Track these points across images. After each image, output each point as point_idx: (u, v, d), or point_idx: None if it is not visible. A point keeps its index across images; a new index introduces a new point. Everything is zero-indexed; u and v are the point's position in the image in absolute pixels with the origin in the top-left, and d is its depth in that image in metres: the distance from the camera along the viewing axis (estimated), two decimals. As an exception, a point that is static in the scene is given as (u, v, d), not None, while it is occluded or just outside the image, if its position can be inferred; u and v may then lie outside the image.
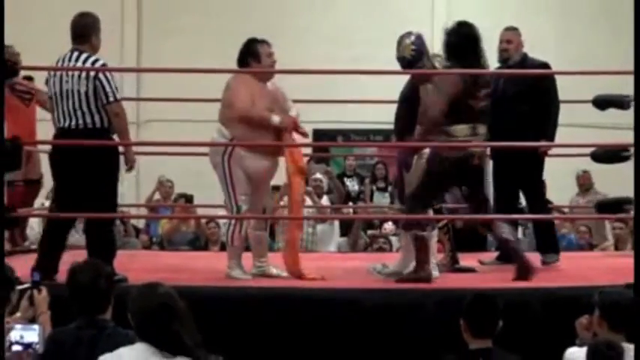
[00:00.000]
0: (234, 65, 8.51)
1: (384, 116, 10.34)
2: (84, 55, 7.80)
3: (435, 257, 8.46)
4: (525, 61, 9.25)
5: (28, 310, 4.21)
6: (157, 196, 14.84)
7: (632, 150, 10.18)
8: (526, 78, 9.05)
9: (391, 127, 8.94)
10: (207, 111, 9.95)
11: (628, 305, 6.05)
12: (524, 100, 8.94)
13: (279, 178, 9.07)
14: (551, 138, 8.97)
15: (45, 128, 9.68)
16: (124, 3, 18.71)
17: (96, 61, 7.82)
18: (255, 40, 8.47)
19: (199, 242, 13.03)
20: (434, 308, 7.20)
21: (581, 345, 5.82)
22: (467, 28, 8.35)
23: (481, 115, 8.27)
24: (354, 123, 9.65)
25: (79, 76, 7.70)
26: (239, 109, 8.13)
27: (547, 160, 9.23)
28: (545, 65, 9.31)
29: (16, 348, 4.05)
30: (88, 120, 7.71)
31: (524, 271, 8.10)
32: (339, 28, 18.02)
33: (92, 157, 7.63)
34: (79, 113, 7.70)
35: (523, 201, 9.51)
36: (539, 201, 9.43)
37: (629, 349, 5.71)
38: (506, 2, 17.84)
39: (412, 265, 8.22)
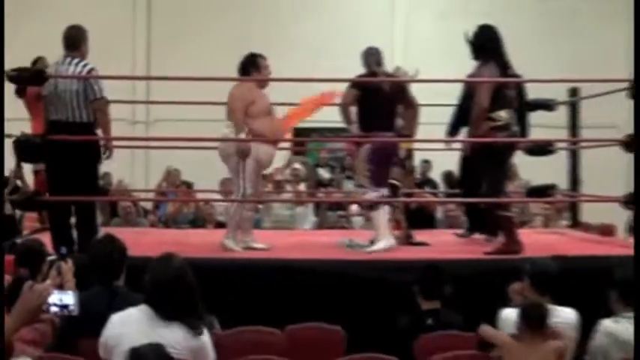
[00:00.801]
0: (231, 69, 8.61)
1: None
2: (75, 60, 7.81)
3: (391, 231, 8.45)
4: None
5: (56, 278, 4.19)
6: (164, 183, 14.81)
7: (556, 145, 10.24)
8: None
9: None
10: (207, 111, 9.96)
11: (553, 273, 6.08)
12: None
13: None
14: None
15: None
16: (135, 14, 18.62)
17: (86, 65, 7.81)
18: (256, 55, 8.61)
19: (198, 221, 13.01)
20: (392, 276, 7.19)
21: (513, 307, 5.84)
22: (489, 29, 8.27)
23: (512, 102, 8.23)
24: (327, 122, 9.66)
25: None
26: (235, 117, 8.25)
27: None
28: None
29: (53, 309, 4.03)
30: (77, 115, 7.72)
31: (516, 245, 8.02)
32: (322, 41, 18.02)
33: (80, 148, 7.66)
34: (69, 108, 7.71)
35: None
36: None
37: (554, 309, 5.74)
38: (453, 14, 17.74)
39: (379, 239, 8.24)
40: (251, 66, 8.53)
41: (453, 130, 9.28)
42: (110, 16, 17.54)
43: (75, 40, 7.94)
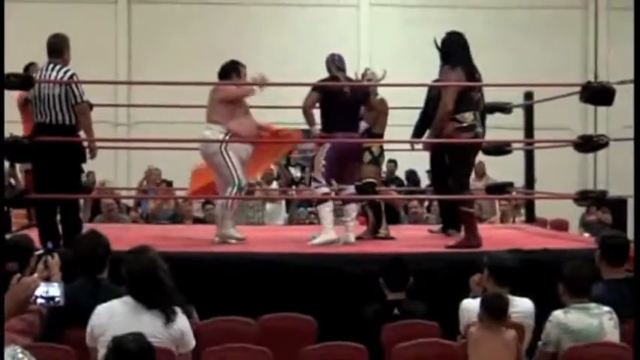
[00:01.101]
0: (207, 74, 8.65)
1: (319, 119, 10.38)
2: (58, 67, 7.78)
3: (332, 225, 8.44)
4: None
5: (44, 272, 4.19)
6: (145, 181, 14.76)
7: (512, 145, 10.30)
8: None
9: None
10: (185, 114, 9.97)
11: (510, 265, 6.10)
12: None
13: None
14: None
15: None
16: (117, 22, 18.60)
17: (67, 71, 7.79)
18: (237, 62, 8.69)
19: (177, 218, 12.97)
20: (360, 269, 7.19)
21: (473, 297, 5.87)
22: (456, 35, 8.27)
23: (478, 104, 8.25)
24: (296, 124, 9.68)
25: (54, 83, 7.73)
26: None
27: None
28: None
29: (40, 301, 4.02)
30: (60, 118, 7.70)
31: (476, 240, 8.03)
32: (289, 48, 18.06)
33: (64, 148, 7.66)
34: (52, 112, 7.69)
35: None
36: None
37: (512, 299, 5.77)
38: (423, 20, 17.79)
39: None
40: (233, 71, 8.59)
41: (418, 132, 9.30)
42: (94, 24, 17.53)
43: (57, 48, 7.92)
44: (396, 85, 9.02)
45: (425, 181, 15.18)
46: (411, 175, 16.06)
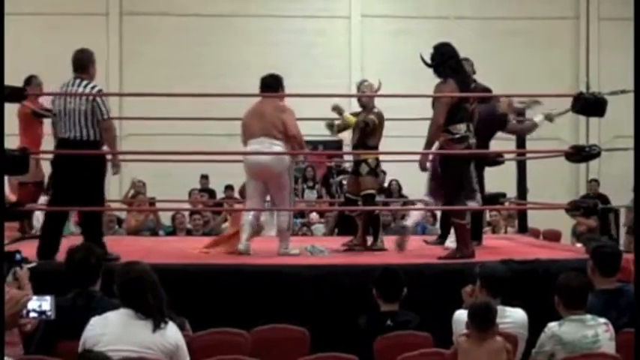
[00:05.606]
0: (198, 86, 8.63)
1: (313, 130, 10.40)
2: (85, 82, 7.80)
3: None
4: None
5: (13, 283, 4.18)
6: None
7: (503, 157, 10.33)
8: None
9: (316, 139, 8.95)
10: (175, 126, 9.98)
11: (502, 276, 6.12)
12: None
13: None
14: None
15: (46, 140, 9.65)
16: (109, 37, 18.63)
17: (94, 87, 7.82)
18: (281, 77, 8.67)
19: (155, 231, 13.11)
20: (353, 280, 7.20)
21: (466, 308, 5.86)
22: (445, 46, 8.23)
23: (472, 115, 8.25)
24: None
25: (81, 98, 7.69)
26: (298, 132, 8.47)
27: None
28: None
29: (32, 315, 4.02)
30: (84, 133, 7.69)
31: (469, 250, 8.04)
32: (282, 61, 18.09)
33: (86, 163, 7.63)
34: (77, 127, 7.68)
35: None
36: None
37: (503, 310, 5.78)
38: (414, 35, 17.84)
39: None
40: (279, 85, 8.64)
41: None
42: (85, 36, 17.39)
43: (83, 63, 7.94)
44: (390, 96, 9.05)
45: (409, 190, 15.25)
46: (393, 185, 16.07)
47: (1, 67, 5.64)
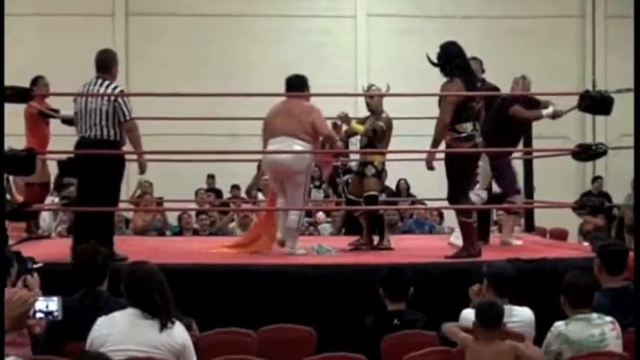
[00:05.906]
0: (203, 85, 8.64)
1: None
2: (106, 82, 7.82)
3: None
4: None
5: (23, 290, 4.18)
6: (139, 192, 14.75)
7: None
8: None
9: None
10: (182, 127, 9.99)
11: (510, 275, 6.12)
12: None
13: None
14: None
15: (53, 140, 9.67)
16: (114, 35, 18.60)
17: (115, 87, 7.83)
18: (305, 77, 8.74)
19: (162, 231, 13.10)
20: (360, 279, 7.20)
21: (473, 308, 5.85)
22: (451, 45, 8.21)
23: (478, 114, 8.23)
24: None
25: (102, 98, 7.70)
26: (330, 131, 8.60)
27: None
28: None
29: (39, 315, 4.02)
30: (105, 132, 7.71)
31: (475, 249, 8.02)
32: (289, 61, 18.08)
33: (104, 163, 7.63)
34: (98, 127, 7.69)
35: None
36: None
37: (510, 309, 5.78)
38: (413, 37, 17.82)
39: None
40: (304, 85, 8.68)
41: None
42: (91, 37, 17.49)
43: (106, 64, 7.95)
44: (396, 95, 9.05)
45: (416, 189, 15.25)
46: (401, 184, 16.06)
47: (1, 67, 5.65)
